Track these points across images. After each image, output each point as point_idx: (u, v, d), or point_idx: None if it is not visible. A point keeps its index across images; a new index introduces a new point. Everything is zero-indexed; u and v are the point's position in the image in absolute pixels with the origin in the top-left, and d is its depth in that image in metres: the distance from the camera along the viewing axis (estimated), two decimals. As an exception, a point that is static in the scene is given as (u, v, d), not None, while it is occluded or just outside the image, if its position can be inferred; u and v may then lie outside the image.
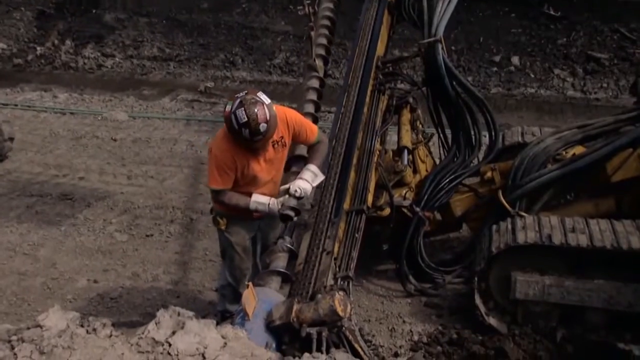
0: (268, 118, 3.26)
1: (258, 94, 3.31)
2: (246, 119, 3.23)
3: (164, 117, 8.31)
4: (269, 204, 3.55)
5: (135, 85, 9.75)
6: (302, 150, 3.80)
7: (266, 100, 3.31)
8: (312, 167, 3.59)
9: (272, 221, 3.76)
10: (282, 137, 3.54)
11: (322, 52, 4.64)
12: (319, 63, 4.46)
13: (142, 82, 9.85)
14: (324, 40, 4.75)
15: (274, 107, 3.37)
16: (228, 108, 3.31)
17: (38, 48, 10.70)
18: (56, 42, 10.81)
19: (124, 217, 5.89)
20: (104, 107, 8.70)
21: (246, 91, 3.34)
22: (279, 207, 3.48)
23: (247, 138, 3.29)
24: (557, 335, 3.83)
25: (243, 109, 3.24)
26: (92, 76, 10.08)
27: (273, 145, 3.52)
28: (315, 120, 4.16)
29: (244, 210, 3.59)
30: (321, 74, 4.49)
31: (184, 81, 9.83)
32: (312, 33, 4.53)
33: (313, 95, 4.30)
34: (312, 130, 3.68)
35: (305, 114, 4.07)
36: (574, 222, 3.94)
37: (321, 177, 3.57)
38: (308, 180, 3.51)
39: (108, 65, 10.43)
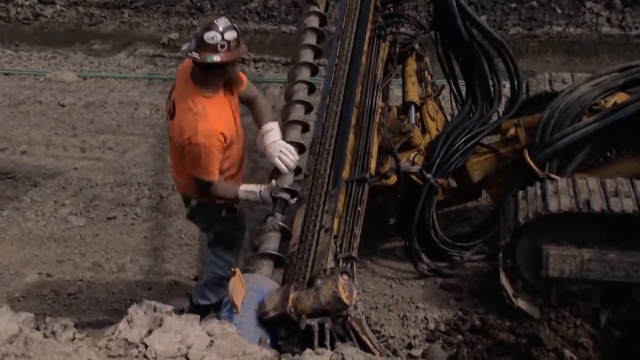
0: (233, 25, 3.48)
1: None
2: (212, 30, 3.41)
3: (121, 77, 8.22)
4: (260, 191, 3.61)
5: (83, 38, 9.61)
6: None
7: None
8: (273, 125, 3.69)
9: None
10: None
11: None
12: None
13: (92, 35, 9.71)
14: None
15: None
16: (187, 47, 3.55)
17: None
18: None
19: (80, 198, 5.87)
20: (46, 66, 8.58)
21: None
22: (271, 191, 3.52)
23: (221, 46, 3.42)
24: (601, 318, 3.87)
25: (203, 30, 3.46)
26: (29, 28, 9.92)
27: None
28: (315, 71, 4.12)
29: (232, 202, 3.71)
30: (322, 8, 4.43)
31: (143, 32, 9.69)
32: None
33: (311, 39, 4.24)
34: (242, 77, 3.78)
35: (302, 64, 4.03)
36: (617, 184, 3.95)
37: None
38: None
39: (47, 15, 10.24)
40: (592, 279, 3.90)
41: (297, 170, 3.63)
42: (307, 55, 4.17)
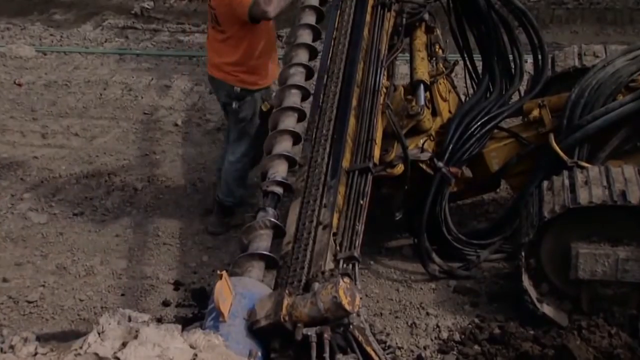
0: None
1: None
2: None
3: (87, 52, 8.21)
4: None
5: (41, 6, 9.59)
6: None
7: None
8: None
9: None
10: None
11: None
12: None
13: (52, 3, 9.68)
14: None
15: None
16: None
17: None
18: None
19: (41, 191, 5.86)
20: (-1, 39, 8.56)
21: None
22: None
23: None
24: (639, 326, 3.90)
25: None
26: (-23, -6, 9.89)
27: None
28: (314, 53, 4.15)
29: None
30: None
31: (111, 0, 9.66)
32: None
33: (310, 17, 4.25)
34: None
35: (299, 45, 4.04)
36: (657, 172, 3.98)
37: None
38: None
39: (0, -20, 10.19)
40: (629, 282, 3.93)
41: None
42: (305, 36, 4.17)
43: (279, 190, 3.47)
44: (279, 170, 3.54)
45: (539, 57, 4.88)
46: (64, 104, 7.14)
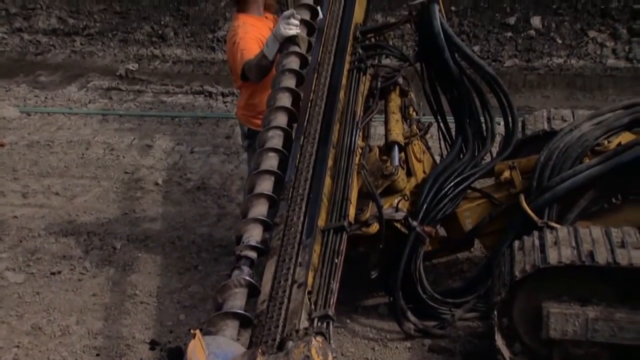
0: None
1: None
2: None
3: (71, 112, 8.26)
4: (272, 35, 4.58)
5: (27, 69, 9.68)
6: None
7: None
8: None
9: None
10: None
11: (306, 14, 4.65)
12: (300, 32, 4.54)
13: (38, 65, 9.78)
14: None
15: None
16: None
17: None
18: None
19: (19, 250, 5.83)
20: (-17, 100, 8.62)
21: None
22: (283, 24, 4.45)
23: None
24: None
25: None
26: (-36, 57, 9.99)
27: None
28: (293, 118, 4.18)
29: (265, 68, 4.80)
30: (303, 49, 4.51)
31: (97, 63, 9.78)
32: None
33: (290, 81, 4.28)
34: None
35: (277, 108, 4.09)
36: (623, 233, 3.99)
37: None
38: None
39: (-14, 43, 10.32)
40: (599, 341, 3.91)
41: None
42: (285, 100, 4.19)
43: (252, 254, 3.45)
44: (254, 234, 3.51)
45: (510, 120, 4.92)
46: (45, 163, 7.16)
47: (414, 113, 5.11)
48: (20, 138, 7.65)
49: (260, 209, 3.65)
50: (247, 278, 3.29)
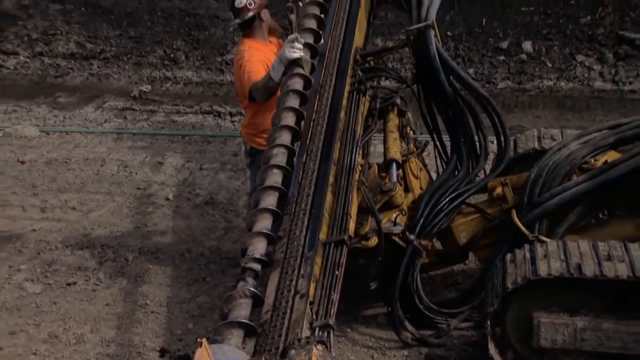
0: None
1: None
2: None
3: (87, 131, 8.28)
4: (278, 58, 4.64)
5: (47, 91, 9.71)
6: None
7: None
8: None
9: None
10: None
11: (309, 38, 4.67)
12: (304, 55, 4.55)
13: (57, 87, 9.81)
14: (312, 23, 4.75)
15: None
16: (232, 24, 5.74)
17: None
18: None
19: (37, 262, 5.82)
20: (6, 120, 8.66)
21: None
22: (288, 48, 4.49)
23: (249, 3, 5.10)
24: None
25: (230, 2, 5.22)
26: (-11, 80, 10.02)
27: None
28: (296, 136, 4.16)
29: (271, 89, 4.88)
30: (307, 71, 4.52)
31: (112, 85, 9.81)
32: (293, 16, 4.72)
33: (294, 101, 4.28)
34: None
35: (282, 127, 4.09)
36: (610, 247, 3.99)
37: None
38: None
39: (10, 66, 10.38)
40: (587, 350, 3.89)
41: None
42: (289, 119, 4.19)
43: (257, 267, 3.44)
44: (258, 247, 3.50)
45: (502, 139, 4.92)
46: (63, 179, 7.17)
47: (411, 132, 5.12)
48: (40, 156, 7.66)
49: (264, 223, 3.64)
50: (252, 289, 3.28)
